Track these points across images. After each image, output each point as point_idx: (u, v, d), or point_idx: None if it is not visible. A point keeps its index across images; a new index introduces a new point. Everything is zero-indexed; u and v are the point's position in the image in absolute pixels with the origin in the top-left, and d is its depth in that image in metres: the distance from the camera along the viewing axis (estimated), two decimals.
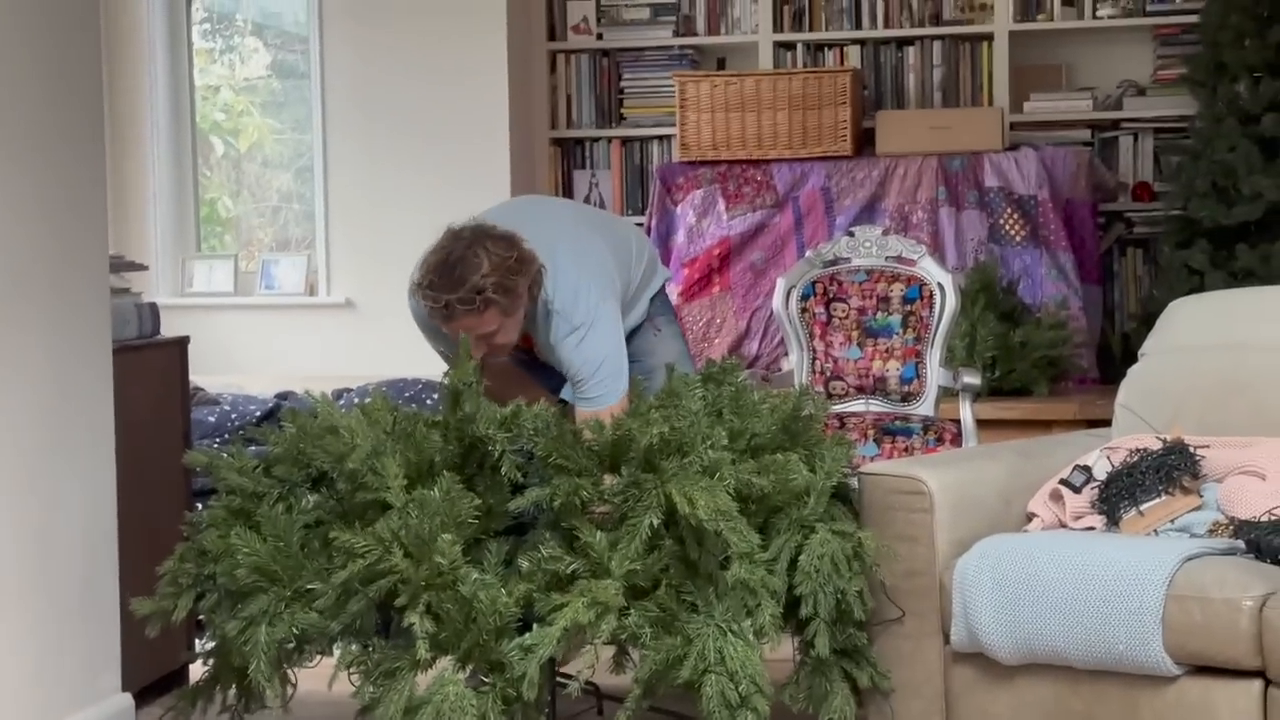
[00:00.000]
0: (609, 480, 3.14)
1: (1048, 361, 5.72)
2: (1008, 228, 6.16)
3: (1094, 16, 6.47)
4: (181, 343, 4.28)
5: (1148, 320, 5.58)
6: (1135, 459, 3.57)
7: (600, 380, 3.77)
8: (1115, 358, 6.03)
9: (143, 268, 4.44)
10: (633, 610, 3.01)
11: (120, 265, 4.10)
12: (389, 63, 6.62)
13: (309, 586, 3.03)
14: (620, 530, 3.03)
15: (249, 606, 3.06)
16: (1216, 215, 5.75)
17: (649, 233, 6.44)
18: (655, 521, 3.02)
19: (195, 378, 4.70)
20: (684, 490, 3.03)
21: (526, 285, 3.69)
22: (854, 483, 3.56)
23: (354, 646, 3.08)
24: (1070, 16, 6.49)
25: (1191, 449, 3.56)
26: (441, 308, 3.63)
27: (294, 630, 3.05)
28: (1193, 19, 6.17)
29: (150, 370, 4.09)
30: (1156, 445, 3.60)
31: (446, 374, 3.36)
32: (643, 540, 3.00)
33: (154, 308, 4.18)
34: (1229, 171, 5.74)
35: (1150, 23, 6.44)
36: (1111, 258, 6.48)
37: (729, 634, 3.02)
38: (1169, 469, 3.53)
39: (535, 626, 2.98)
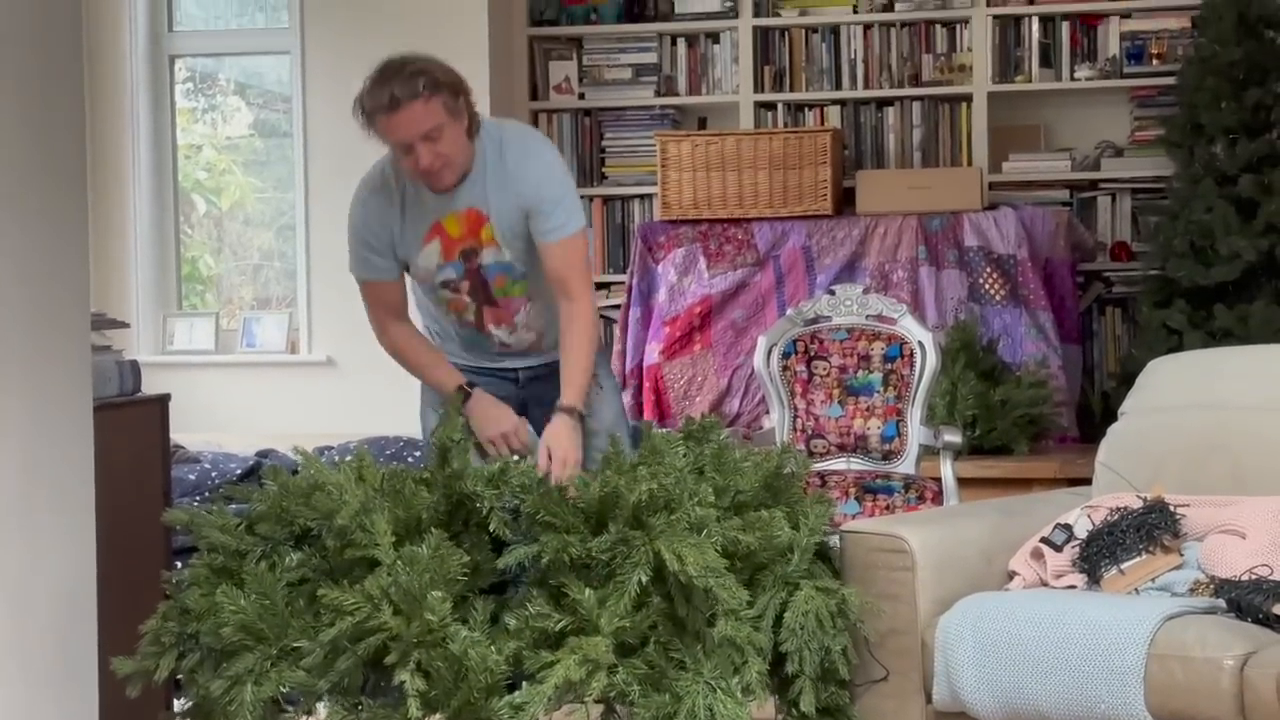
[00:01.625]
0: None
1: (1028, 420, 5.74)
2: (987, 287, 6.19)
3: (1071, 78, 6.53)
4: (162, 400, 4.26)
5: (1127, 379, 5.60)
6: (1116, 517, 3.58)
7: (567, 205, 3.81)
8: (1095, 416, 6.06)
9: (124, 325, 4.43)
10: (621, 668, 3.01)
11: (101, 323, 4.09)
12: None
13: (295, 644, 3.01)
14: (609, 587, 3.02)
15: (234, 665, 3.04)
16: (1194, 275, 5.79)
17: (630, 291, 6.46)
18: (644, 578, 3.02)
19: (176, 435, 4.68)
20: (673, 547, 3.03)
21: (468, 100, 3.72)
22: (834, 541, 3.57)
23: (341, 705, 3.06)
24: (1048, 78, 6.55)
25: (1172, 508, 3.57)
26: (386, 103, 3.63)
27: (281, 689, 3.02)
28: (1169, 81, 6.23)
29: (131, 428, 4.08)
30: (1137, 504, 3.61)
31: (434, 432, 3.35)
32: (631, 597, 3.00)
33: (135, 365, 4.16)
34: (1206, 232, 5.79)
35: (1127, 85, 6.50)
36: (1090, 317, 6.52)
37: (718, 691, 3.01)
38: (1150, 527, 3.54)
39: (524, 684, 2.97)
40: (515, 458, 3.62)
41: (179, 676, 3.34)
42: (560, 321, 3.85)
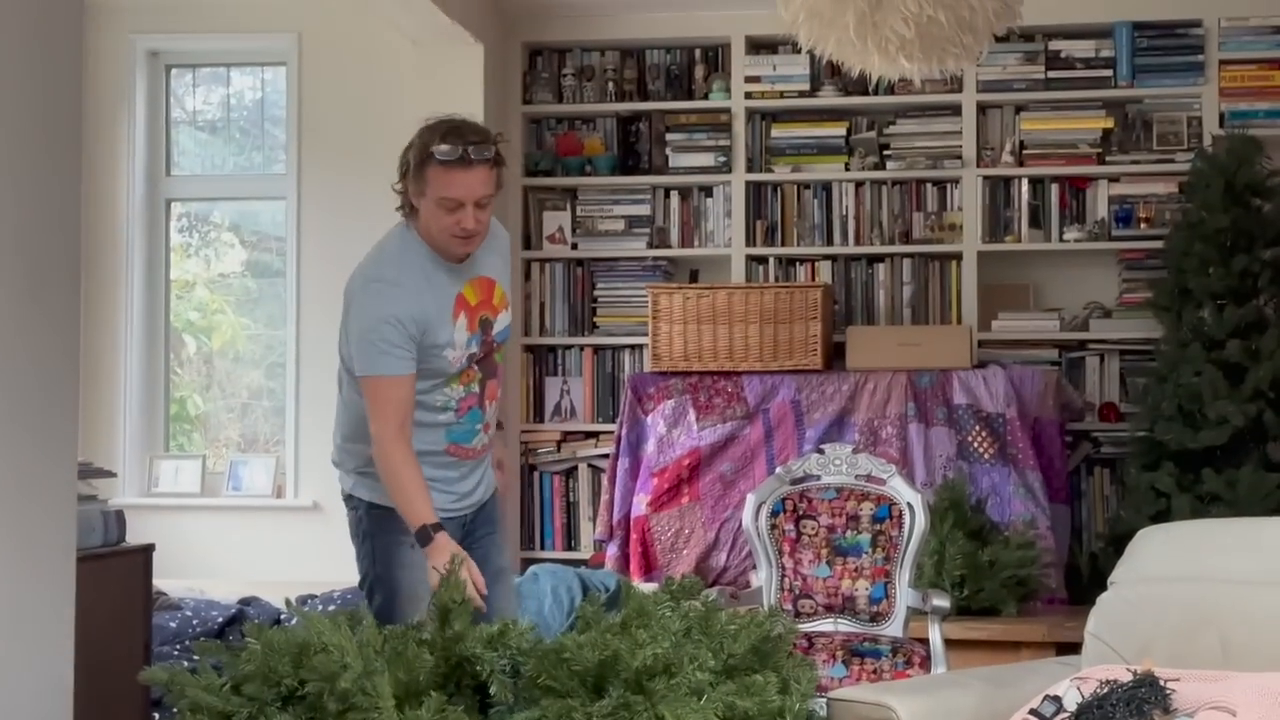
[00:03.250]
0: None
1: (1016, 581, 5.70)
2: (976, 445, 6.19)
3: (1060, 240, 6.59)
4: (146, 551, 4.25)
5: (1115, 541, 5.60)
6: (1105, 690, 3.54)
7: None
8: (1083, 578, 6.03)
9: (110, 474, 4.42)
10: None
11: (89, 472, 4.07)
12: None
13: None
14: None
15: None
16: (1183, 439, 5.81)
17: (619, 441, 6.46)
18: None
19: (158, 581, 4.65)
20: (676, 713, 2.99)
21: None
22: (820, 706, 3.53)
23: None
24: (1038, 239, 6.62)
25: (1162, 682, 3.53)
26: (458, 158, 3.72)
27: None
28: (1157, 245, 6.29)
29: (113, 579, 4.05)
30: (1127, 677, 3.57)
31: (434, 594, 3.30)
32: None
33: (120, 515, 4.15)
34: (1195, 396, 5.81)
35: (1116, 247, 6.56)
36: (1079, 477, 6.52)
37: None
38: (1139, 702, 3.50)
39: None
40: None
41: None
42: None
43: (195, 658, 3.35)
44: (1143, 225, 6.51)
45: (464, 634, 3.14)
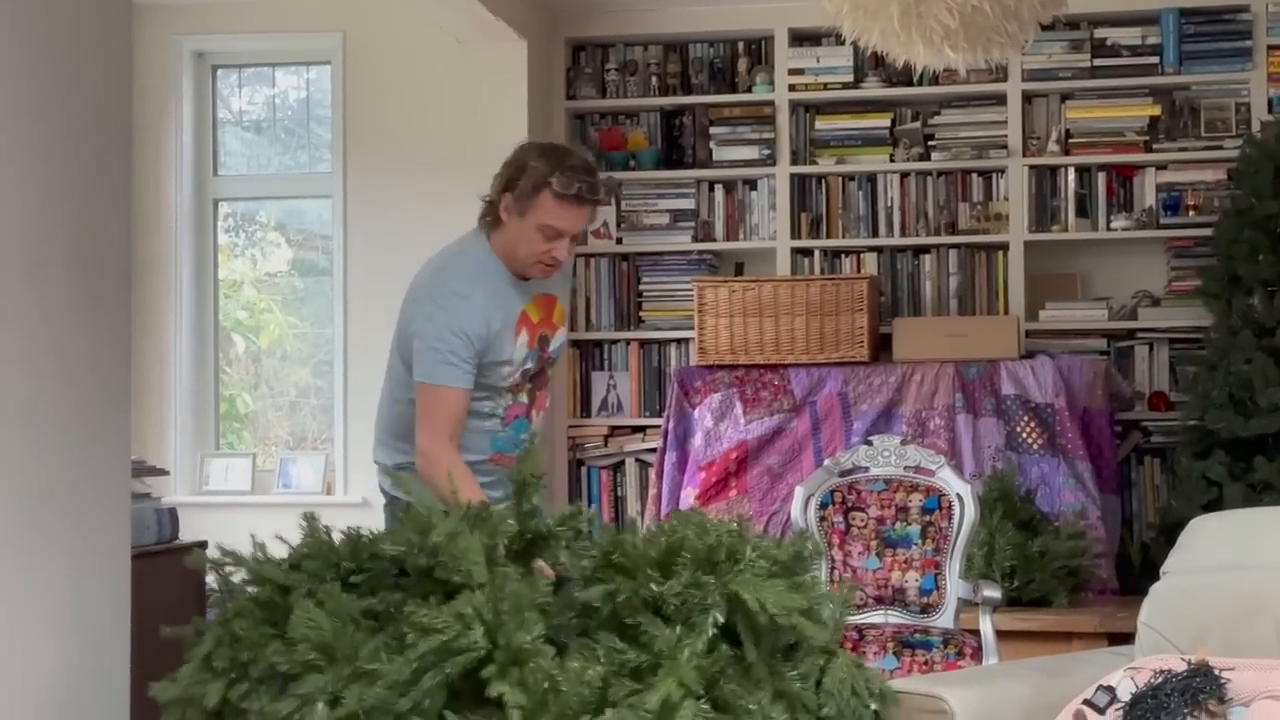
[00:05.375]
0: None
1: (1067, 572, 5.68)
2: (1025, 436, 6.16)
3: (1108, 228, 6.55)
4: (199, 548, 4.27)
5: (1166, 530, 5.57)
6: (1160, 680, 3.53)
7: None
8: (1134, 568, 6.00)
9: (163, 473, 4.45)
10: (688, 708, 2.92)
11: (142, 470, 4.11)
12: (412, 264, 6.69)
13: (368, 667, 2.91)
14: (684, 627, 2.97)
15: (304, 685, 2.87)
16: (1234, 427, 5.76)
17: (666, 435, 6.46)
18: (720, 618, 2.97)
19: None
20: (751, 590, 2.99)
21: None
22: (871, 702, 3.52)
23: None
24: (1085, 228, 6.58)
25: (1217, 671, 3.51)
26: (576, 193, 3.80)
27: (362, 709, 2.83)
28: (1206, 233, 6.25)
29: (167, 575, 4.08)
30: (1181, 666, 3.55)
31: (515, 469, 3.30)
32: (707, 639, 2.95)
33: (173, 513, 4.19)
34: (1245, 383, 5.76)
35: (1163, 235, 6.52)
36: (1129, 466, 6.48)
37: None
38: (1194, 691, 3.48)
39: (609, 711, 2.87)
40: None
41: None
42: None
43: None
44: (1191, 213, 6.47)
45: (538, 509, 3.16)
